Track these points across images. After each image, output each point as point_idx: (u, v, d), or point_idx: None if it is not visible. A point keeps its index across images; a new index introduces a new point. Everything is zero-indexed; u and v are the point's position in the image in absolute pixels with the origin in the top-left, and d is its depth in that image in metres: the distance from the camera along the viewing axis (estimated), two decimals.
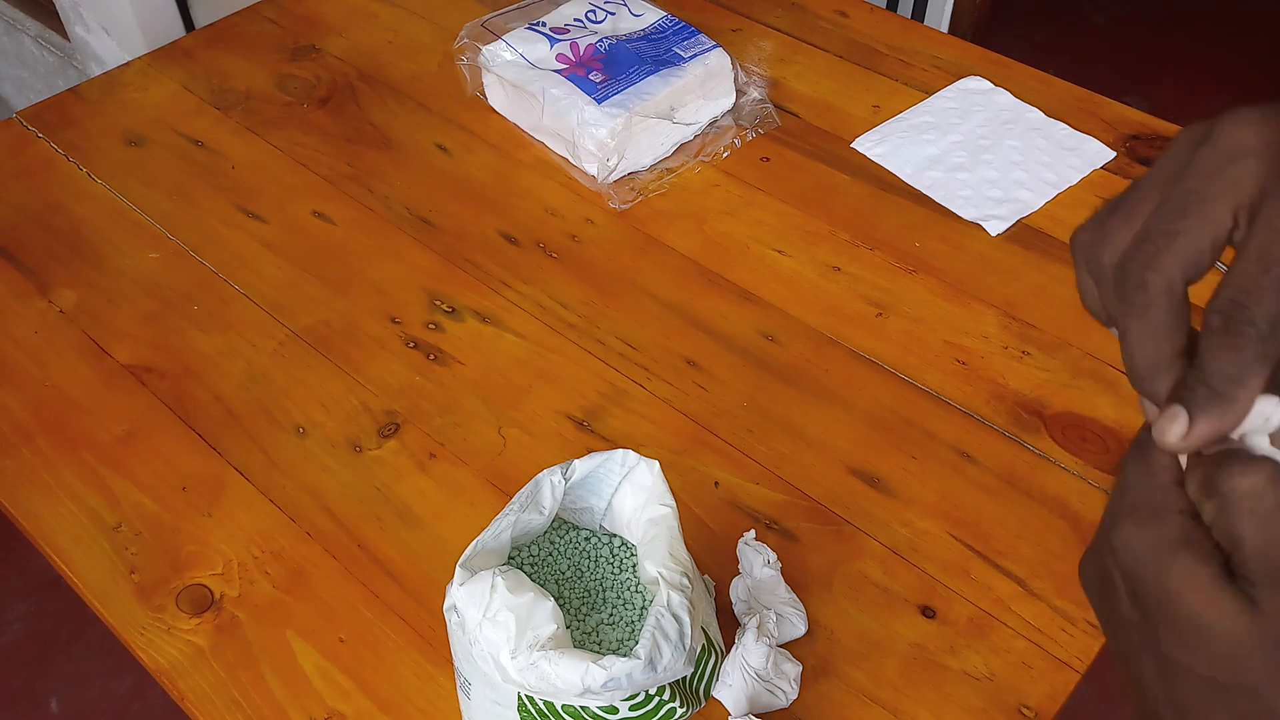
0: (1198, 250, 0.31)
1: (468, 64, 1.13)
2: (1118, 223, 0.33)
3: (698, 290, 0.94)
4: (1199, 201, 0.31)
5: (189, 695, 0.68)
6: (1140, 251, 0.32)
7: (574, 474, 0.64)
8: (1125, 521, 0.32)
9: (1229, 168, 0.31)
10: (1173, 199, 0.32)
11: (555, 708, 0.59)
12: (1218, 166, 0.31)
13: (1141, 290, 0.32)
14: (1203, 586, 0.30)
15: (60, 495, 0.79)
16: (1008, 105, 1.12)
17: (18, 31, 1.94)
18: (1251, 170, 0.31)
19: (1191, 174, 0.31)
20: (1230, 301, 0.31)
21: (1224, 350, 0.31)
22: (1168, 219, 0.31)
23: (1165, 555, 0.31)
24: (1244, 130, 0.31)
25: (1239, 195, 0.31)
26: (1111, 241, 0.33)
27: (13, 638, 1.59)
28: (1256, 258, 0.30)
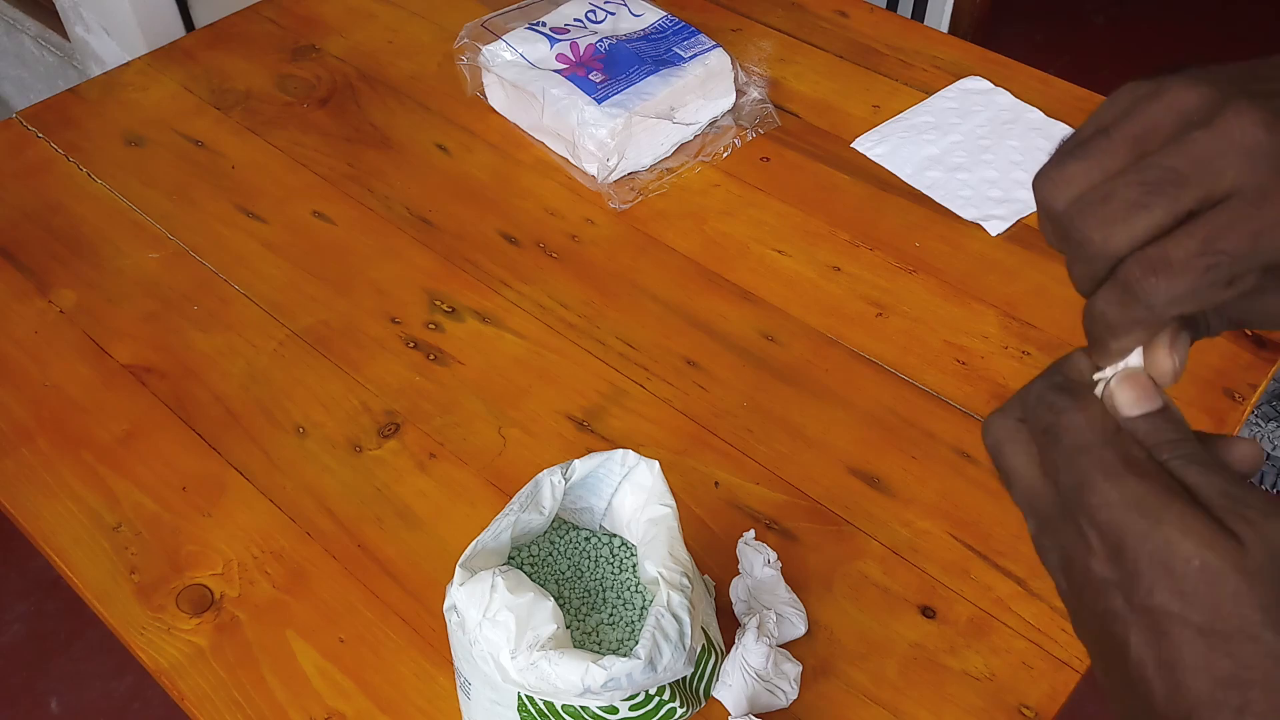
0: (1154, 231, 0.31)
1: (468, 64, 1.13)
2: (1077, 169, 0.33)
3: (698, 290, 0.94)
4: (1177, 184, 0.31)
5: (189, 695, 0.68)
6: (1098, 214, 0.32)
7: (574, 474, 0.64)
8: (1102, 481, 0.31)
9: (1217, 161, 0.31)
10: (1151, 170, 0.31)
11: (555, 708, 0.59)
12: (1209, 157, 0.31)
13: (1084, 249, 0.32)
14: (1199, 532, 0.30)
15: (60, 495, 0.79)
16: (1008, 105, 1.12)
17: (18, 31, 1.94)
18: (1236, 170, 0.30)
19: (1179, 154, 0.31)
20: (1149, 264, 0.31)
21: (1115, 305, 0.32)
22: (1140, 190, 0.31)
23: (1157, 507, 0.30)
24: (1245, 127, 0.31)
25: (1215, 187, 0.31)
26: (1067, 185, 0.33)
27: (13, 638, 1.59)
28: (1202, 238, 0.30)
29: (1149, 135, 0.32)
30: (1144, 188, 0.31)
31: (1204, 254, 0.30)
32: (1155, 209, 0.31)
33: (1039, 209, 0.34)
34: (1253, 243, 0.30)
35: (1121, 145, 0.32)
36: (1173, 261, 0.31)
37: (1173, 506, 0.30)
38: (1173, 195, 0.31)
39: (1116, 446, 0.32)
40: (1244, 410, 0.84)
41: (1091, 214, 0.32)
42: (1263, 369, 0.87)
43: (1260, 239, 0.30)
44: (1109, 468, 0.31)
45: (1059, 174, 0.33)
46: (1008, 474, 0.35)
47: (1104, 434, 0.32)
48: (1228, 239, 0.30)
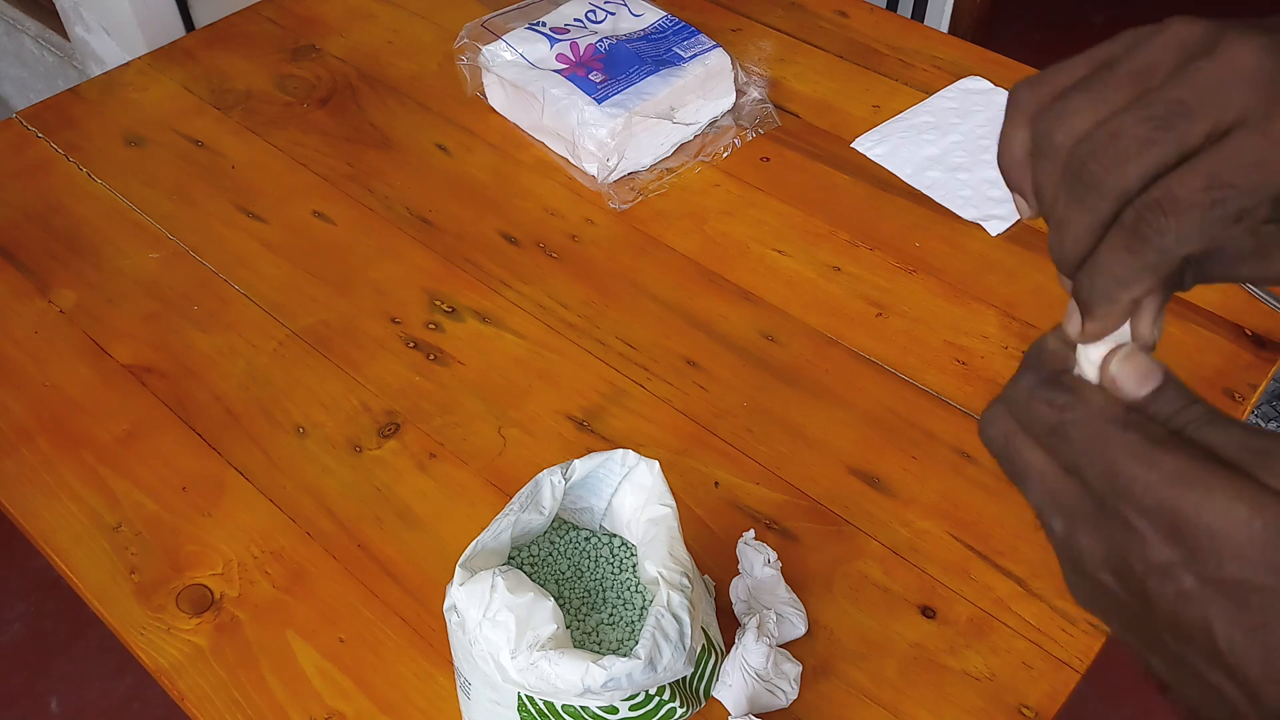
0: (1163, 164, 0.30)
1: (468, 64, 1.13)
2: (1081, 102, 0.32)
3: (698, 290, 0.94)
4: (1184, 116, 0.30)
5: (189, 695, 0.68)
6: (1107, 152, 0.31)
7: (574, 474, 0.64)
8: (1135, 465, 0.30)
9: (1222, 90, 0.30)
10: (1157, 104, 0.31)
11: (555, 708, 0.59)
12: (1213, 86, 0.30)
13: (1095, 190, 0.31)
14: (1249, 494, 0.28)
15: (60, 495, 0.79)
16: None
17: (18, 31, 1.94)
18: (1241, 96, 0.30)
19: (1183, 84, 0.30)
20: (1155, 204, 0.30)
21: (1123, 251, 0.31)
22: (1146, 125, 0.30)
23: (1201, 477, 0.29)
24: (1247, 53, 0.30)
25: (1222, 116, 0.30)
26: (1070, 121, 0.32)
27: (13, 638, 1.59)
28: (1205, 173, 0.30)
29: (1151, 70, 0.31)
30: (1152, 122, 0.30)
31: (1210, 188, 0.30)
32: (1165, 144, 0.30)
33: (1019, 129, 0.33)
34: (1260, 173, 0.30)
35: (1125, 80, 0.32)
36: (1179, 198, 0.30)
37: (1215, 473, 0.29)
38: (1181, 129, 0.30)
39: (1135, 428, 0.31)
40: (1244, 410, 0.84)
41: (1102, 152, 0.31)
42: (1263, 369, 0.87)
43: (1267, 169, 0.30)
44: (1137, 451, 0.30)
45: (1063, 107, 0.32)
46: (1021, 473, 0.33)
47: (1118, 420, 0.31)
48: (1234, 171, 0.30)
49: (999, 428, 0.34)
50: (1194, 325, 0.90)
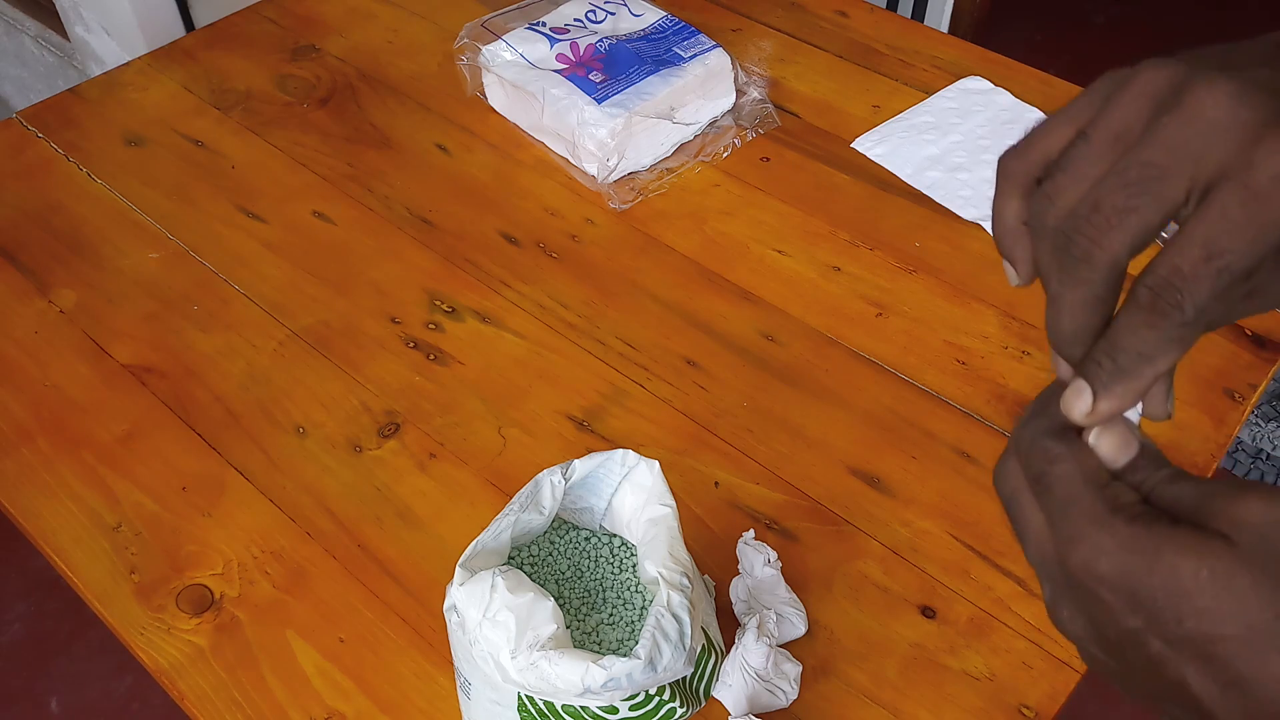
0: (1148, 228, 0.30)
1: (468, 64, 1.13)
2: (1066, 182, 0.32)
3: (698, 290, 0.94)
4: (1158, 179, 0.30)
5: (189, 695, 0.68)
6: (1090, 224, 0.31)
7: (574, 474, 0.64)
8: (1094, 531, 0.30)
9: (1193, 145, 0.29)
10: (1132, 169, 0.30)
11: (555, 708, 0.59)
12: (1183, 140, 0.30)
13: (1086, 264, 0.31)
14: (1192, 544, 0.29)
15: (60, 495, 0.79)
16: (1008, 105, 1.12)
17: (18, 31, 1.94)
18: (1217, 148, 0.29)
19: (1153, 144, 0.30)
20: (1164, 281, 0.30)
21: (1145, 329, 0.31)
22: (1124, 193, 0.30)
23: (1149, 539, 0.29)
24: (1214, 102, 0.29)
25: (1199, 172, 0.30)
26: (1058, 201, 0.32)
27: (13, 638, 1.59)
28: (1201, 243, 0.29)
29: (1126, 130, 0.31)
30: (1129, 190, 0.30)
31: (1211, 258, 0.29)
32: (1145, 209, 0.30)
33: (1009, 198, 0.33)
34: (1251, 230, 0.29)
35: (1102, 145, 0.31)
36: (1185, 272, 0.30)
37: (1162, 533, 0.29)
38: (1157, 191, 0.30)
39: (1104, 492, 0.31)
40: (1244, 410, 0.84)
41: (1085, 225, 0.31)
42: (1263, 369, 0.87)
43: (1258, 223, 0.29)
44: (1098, 516, 0.31)
45: (1051, 189, 0.32)
46: (1022, 531, 0.33)
47: (1094, 481, 0.32)
48: (1227, 236, 0.29)
49: (1010, 484, 0.34)
50: None
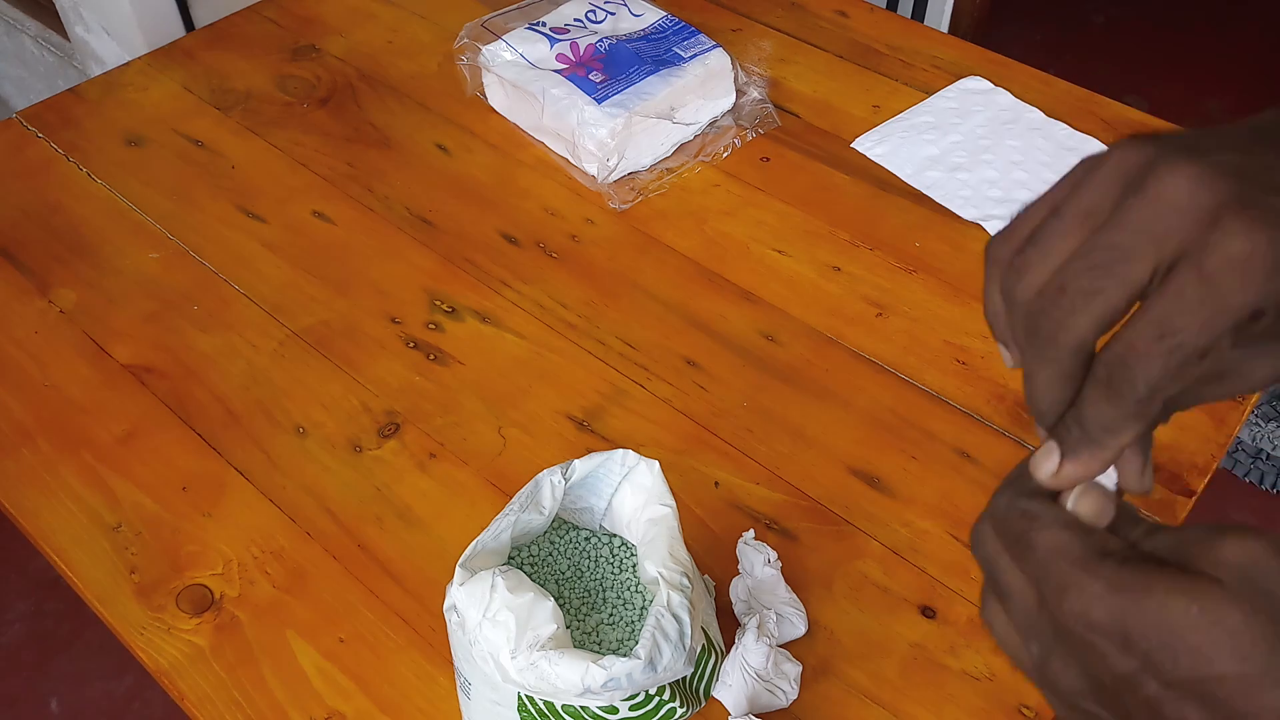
0: (1114, 310, 0.31)
1: (468, 64, 1.13)
2: (1035, 257, 0.33)
3: (698, 290, 0.94)
4: (1122, 260, 0.31)
5: (189, 695, 0.68)
6: (1057, 306, 0.32)
7: (574, 474, 0.64)
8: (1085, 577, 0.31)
9: (1156, 224, 0.30)
10: (1096, 252, 0.31)
11: (555, 708, 0.59)
12: (1145, 222, 0.31)
13: (1052, 345, 0.32)
14: (1182, 586, 0.29)
15: (60, 495, 0.79)
16: (1008, 105, 1.12)
17: (18, 31, 1.94)
18: (1177, 229, 0.30)
19: (1117, 227, 0.31)
20: (1118, 359, 0.31)
21: (1103, 403, 0.32)
22: (1089, 275, 0.31)
23: (1139, 581, 0.30)
24: (1177, 185, 0.30)
25: (1161, 254, 0.30)
26: (1027, 277, 0.33)
27: (13, 638, 1.59)
28: (1155, 322, 0.30)
29: (1095, 210, 0.32)
30: (1094, 271, 0.31)
31: (1163, 336, 0.30)
32: (1109, 290, 0.31)
33: (996, 286, 0.34)
34: (1204, 312, 0.30)
35: (1072, 224, 0.32)
36: (1138, 350, 0.31)
37: (1151, 573, 0.30)
38: (1122, 273, 0.31)
39: (1091, 542, 0.32)
40: (1244, 410, 0.84)
41: (1052, 305, 0.32)
42: None
43: (1210, 305, 0.30)
44: (1087, 562, 0.31)
45: (1021, 263, 0.33)
46: (1005, 593, 0.34)
47: (1079, 532, 0.32)
48: (1179, 316, 0.30)
49: (988, 548, 0.34)
50: None
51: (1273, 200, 0.30)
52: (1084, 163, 0.33)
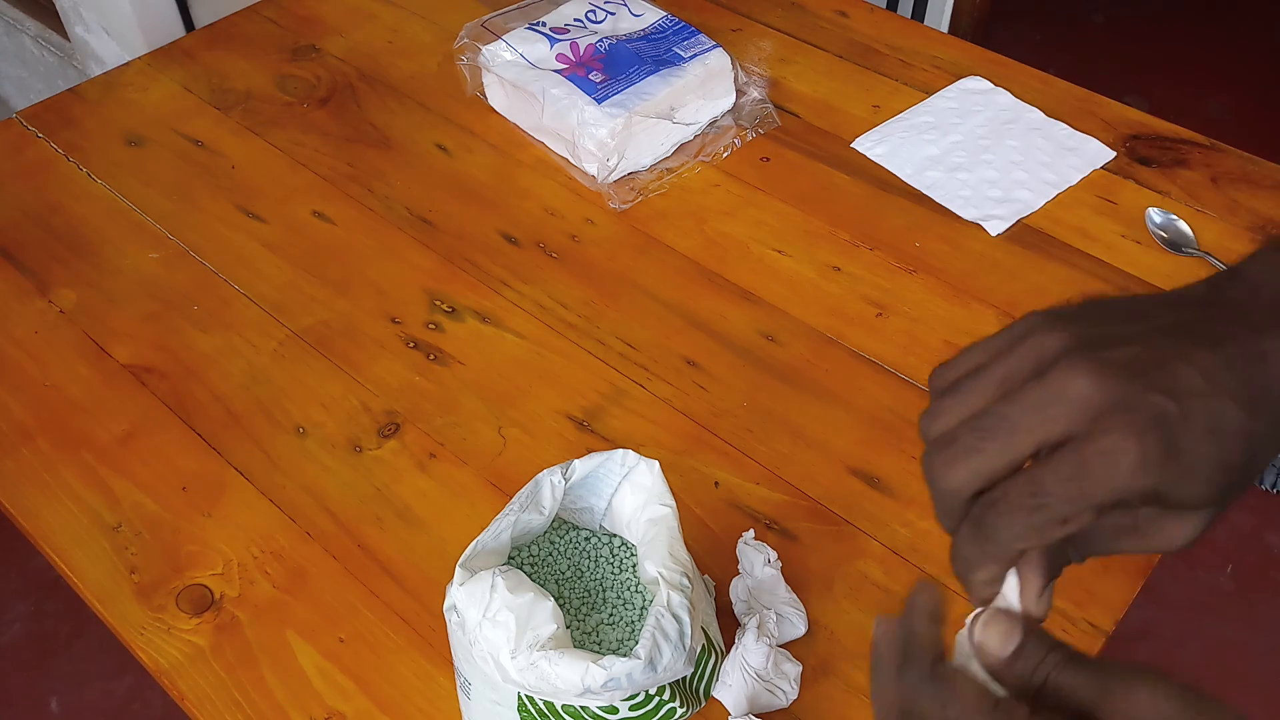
0: (990, 470, 0.36)
1: (468, 64, 1.13)
2: (947, 405, 0.39)
3: (698, 290, 0.94)
4: (1008, 432, 0.36)
5: (189, 695, 0.68)
6: (942, 453, 0.37)
7: (574, 474, 0.64)
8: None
9: (1048, 409, 0.35)
10: (990, 418, 0.36)
11: (555, 708, 0.59)
12: (1038, 406, 0.36)
13: (934, 487, 0.38)
14: None
15: (60, 495, 0.79)
16: (1008, 105, 1.12)
17: (18, 31, 1.94)
18: (1064, 418, 0.35)
19: (1015, 403, 0.36)
20: (990, 505, 0.36)
21: (969, 541, 0.37)
22: (976, 435, 0.37)
23: None
24: (1075, 379, 0.35)
25: (1048, 434, 0.35)
26: (936, 421, 0.39)
27: (13, 638, 1.60)
28: (1030, 483, 0.35)
29: (1009, 379, 0.37)
30: (979, 434, 0.36)
31: (1034, 495, 0.35)
32: (990, 453, 0.36)
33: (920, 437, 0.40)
34: (1075, 486, 0.35)
35: (986, 387, 0.38)
36: (1010, 501, 0.35)
37: None
38: (1004, 441, 0.36)
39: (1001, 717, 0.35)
40: None
41: (938, 454, 0.37)
42: None
43: (1082, 482, 0.34)
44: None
45: (936, 407, 0.39)
46: None
47: (985, 711, 0.35)
48: (1053, 483, 0.35)
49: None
50: None
51: (1155, 399, 0.35)
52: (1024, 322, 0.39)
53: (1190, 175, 1.04)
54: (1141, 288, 0.93)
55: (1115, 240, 0.98)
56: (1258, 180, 1.04)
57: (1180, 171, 1.05)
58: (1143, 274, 0.94)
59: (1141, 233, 0.98)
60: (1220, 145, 1.07)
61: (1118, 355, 0.37)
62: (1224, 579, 1.68)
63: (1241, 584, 1.67)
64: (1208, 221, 0.99)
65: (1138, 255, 0.96)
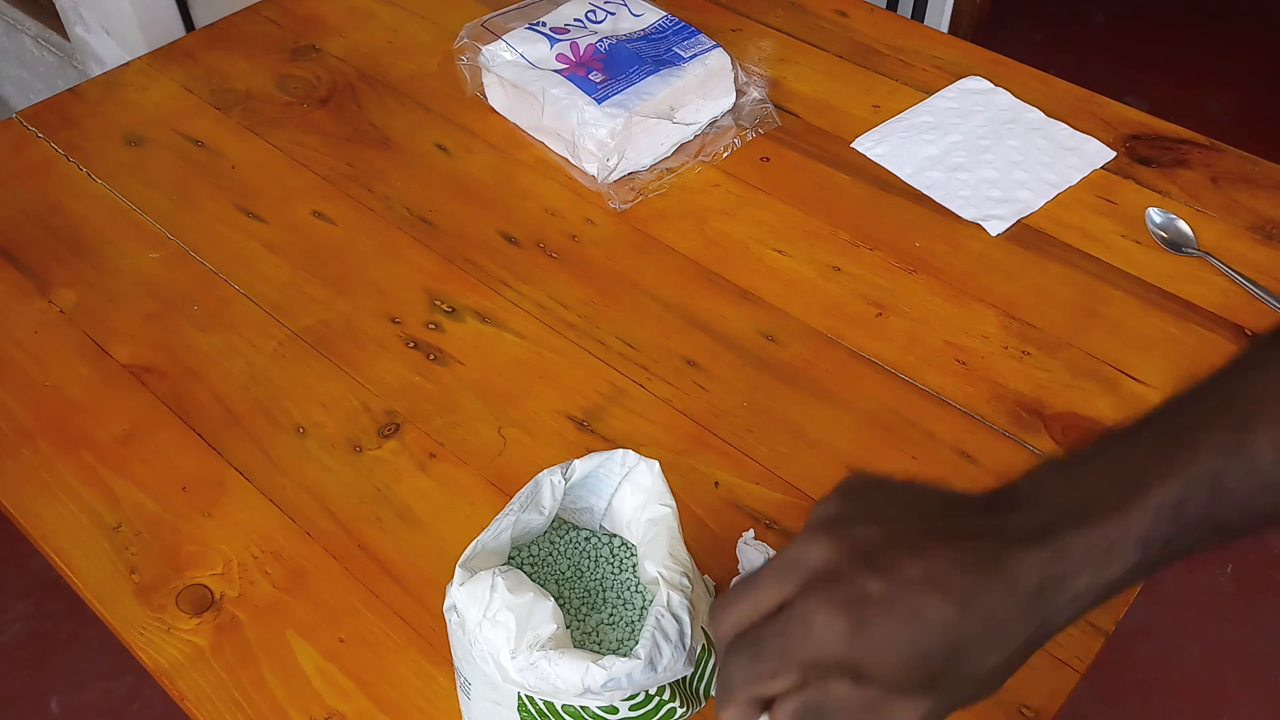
0: (746, 618, 0.44)
1: (468, 64, 1.13)
2: (736, 593, 0.45)
3: (698, 290, 0.94)
4: (759, 587, 0.44)
5: (189, 695, 0.68)
6: (719, 603, 0.46)
7: (574, 474, 0.64)
8: None
9: (788, 570, 0.44)
10: (753, 575, 0.44)
11: (555, 708, 0.59)
12: (783, 566, 0.44)
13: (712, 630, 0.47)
14: None
15: (60, 495, 0.79)
16: (1008, 105, 1.12)
17: (18, 31, 1.94)
18: (795, 580, 0.43)
19: (769, 562, 0.45)
20: (726, 651, 0.44)
21: (717, 683, 0.44)
22: (740, 588, 0.45)
23: None
24: (809, 549, 0.43)
25: (781, 593, 0.43)
26: (727, 618, 0.45)
27: (13, 638, 1.60)
28: (751, 635, 0.43)
29: (781, 598, 0.43)
30: (742, 587, 0.45)
31: (752, 645, 0.43)
32: (744, 602, 0.44)
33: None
34: (780, 643, 0.42)
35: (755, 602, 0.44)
36: (737, 648, 0.43)
37: None
38: (755, 595, 0.44)
39: None
40: None
41: (717, 604, 0.46)
42: None
43: (785, 640, 0.42)
44: None
45: (724, 598, 0.46)
46: None
47: None
48: (766, 636, 0.42)
49: None
50: (1194, 325, 0.90)
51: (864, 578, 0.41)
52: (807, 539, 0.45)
53: (1190, 175, 1.04)
54: (1141, 288, 0.93)
55: (1115, 240, 0.98)
56: (1258, 180, 1.04)
57: (1180, 171, 1.05)
58: (1142, 274, 0.94)
59: (1141, 233, 0.98)
60: (1220, 145, 1.08)
61: (857, 533, 0.43)
62: (1224, 579, 1.68)
63: (1241, 584, 1.67)
64: (1208, 221, 0.99)
65: (1138, 255, 0.96)
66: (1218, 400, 0.45)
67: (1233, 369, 0.47)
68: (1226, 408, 0.44)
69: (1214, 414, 0.44)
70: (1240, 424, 0.43)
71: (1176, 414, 0.46)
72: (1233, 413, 0.44)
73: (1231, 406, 0.44)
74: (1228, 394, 0.45)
